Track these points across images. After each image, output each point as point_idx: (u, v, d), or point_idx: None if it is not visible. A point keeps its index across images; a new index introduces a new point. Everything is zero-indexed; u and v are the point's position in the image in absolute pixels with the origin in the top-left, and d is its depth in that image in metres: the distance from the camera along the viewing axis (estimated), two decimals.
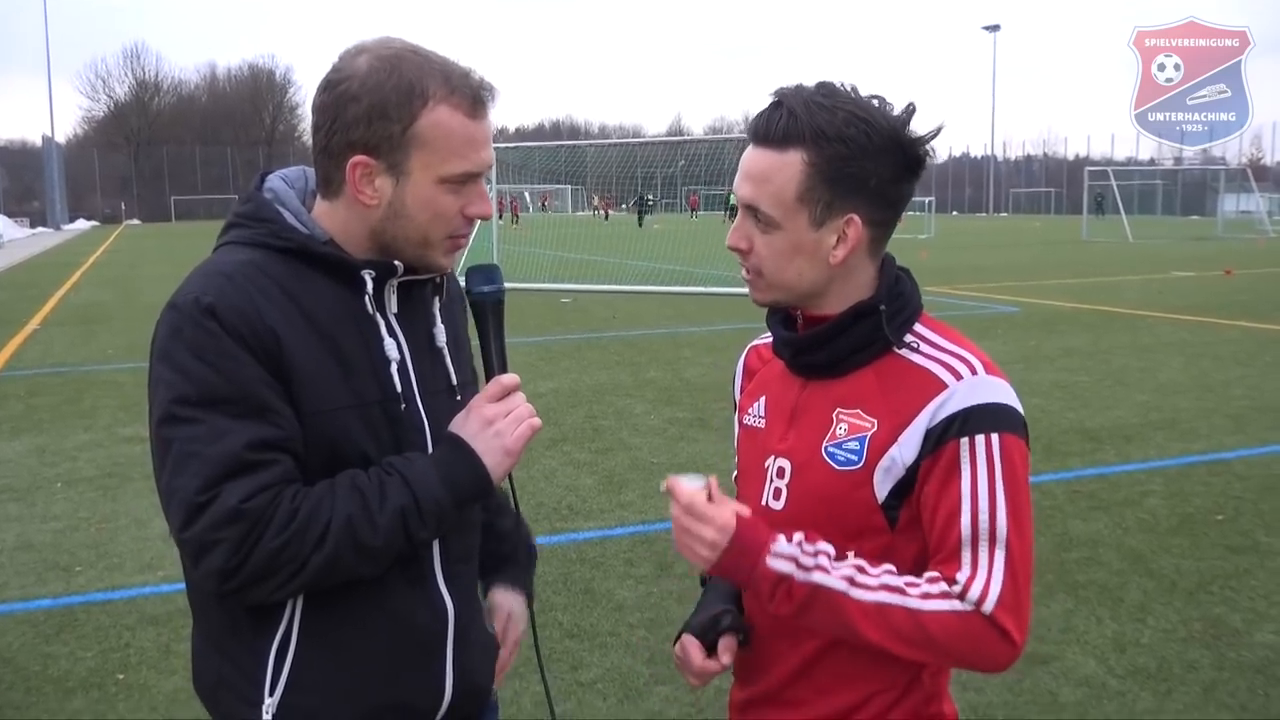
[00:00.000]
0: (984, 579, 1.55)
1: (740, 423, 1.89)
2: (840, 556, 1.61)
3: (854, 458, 1.65)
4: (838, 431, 1.68)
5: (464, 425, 1.67)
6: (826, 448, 1.68)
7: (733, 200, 1.94)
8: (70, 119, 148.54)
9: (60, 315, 18.08)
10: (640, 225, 45.71)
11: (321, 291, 1.65)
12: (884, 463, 1.63)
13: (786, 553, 1.58)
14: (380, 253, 1.69)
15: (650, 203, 49.21)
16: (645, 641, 4.67)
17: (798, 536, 1.60)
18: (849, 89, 1.63)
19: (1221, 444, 8.05)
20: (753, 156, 1.65)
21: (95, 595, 5.36)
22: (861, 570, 1.58)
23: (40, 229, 66.95)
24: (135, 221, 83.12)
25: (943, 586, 1.56)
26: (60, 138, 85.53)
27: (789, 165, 1.61)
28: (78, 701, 4.25)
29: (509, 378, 1.70)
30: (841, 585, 1.56)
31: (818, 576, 1.56)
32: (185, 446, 1.54)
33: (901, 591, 1.56)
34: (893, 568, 1.60)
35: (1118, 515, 6.36)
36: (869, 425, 1.65)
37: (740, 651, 1.80)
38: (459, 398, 1.76)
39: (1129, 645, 4.60)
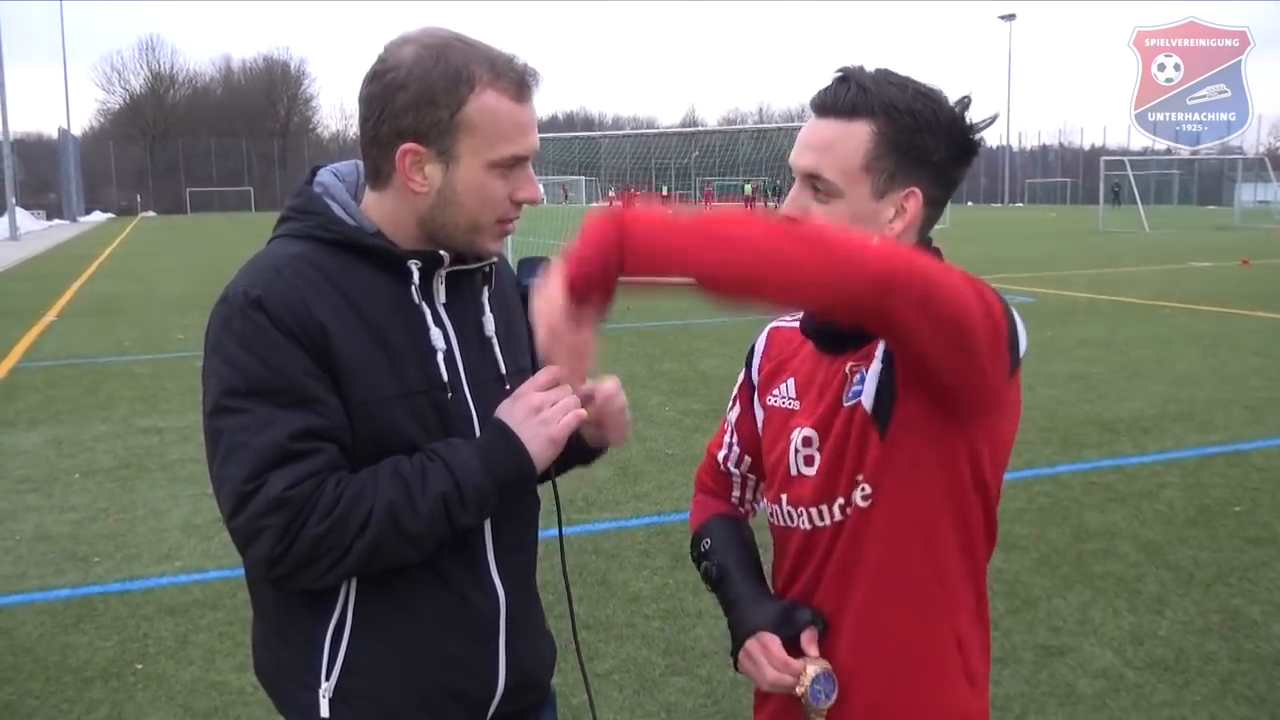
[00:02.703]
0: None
1: (764, 404, 1.89)
2: (839, 509, 1.69)
3: (859, 388, 1.68)
4: (852, 381, 1.70)
5: (510, 411, 1.69)
6: (844, 400, 1.71)
7: (748, 190, 1.94)
8: (86, 111, 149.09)
9: (77, 307, 18.17)
10: None
11: (369, 282, 1.67)
12: (868, 376, 1.66)
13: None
14: (429, 241, 1.71)
15: (638, 194, 48.40)
16: (661, 632, 4.67)
17: None
18: (907, 75, 1.67)
19: (1239, 435, 8.01)
20: (815, 127, 1.66)
21: (113, 585, 5.39)
22: None
23: (56, 221, 67.24)
24: (150, 214, 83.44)
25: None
26: (76, 130, 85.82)
27: (856, 134, 1.63)
28: (96, 691, 4.27)
29: (559, 369, 1.71)
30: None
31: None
32: (234, 437, 1.58)
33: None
34: None
35: (1134, 507, 6.33)
36: (871, 364, 1.68)
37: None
38: (508, 386, 1.77)
39: (1146, 637, 4.59)
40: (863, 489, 1.68)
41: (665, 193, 63.82)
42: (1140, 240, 34.59)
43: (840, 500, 1.70)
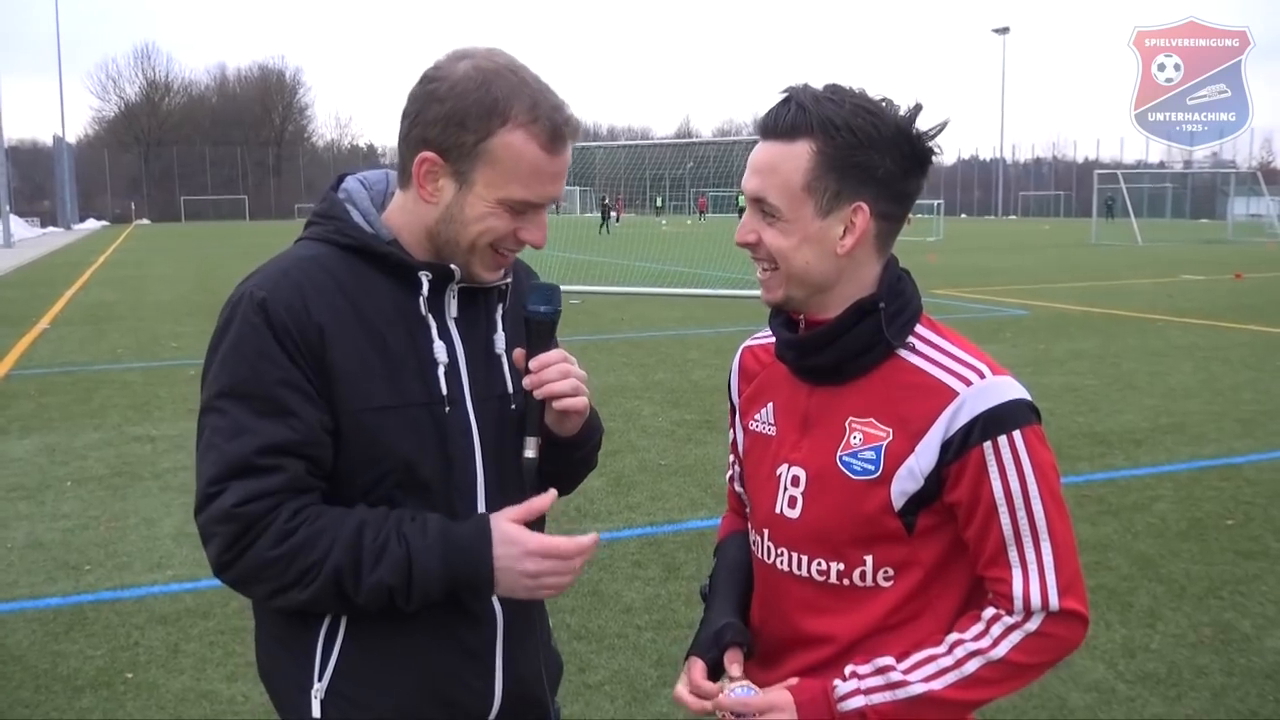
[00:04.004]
0: (1038, 578, 1.61)
1: (746, 428, 1.88)
2: (836, 574, 1.68)
3: (871, 467, 1.66)
4: (852, 440, 1.68)
5: (508, 548, 1.64)
6: (841, 457, 1.69)
7: (742, 202, 1.94)
8: (81, 119, 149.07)
9: (70, 314, 18.12)
10: (602, 231, 43.10)
11: (378, 290, 1.70)
12: (901, 472, 1.64)
13: (849, 689, 1.63)
14: (436, 254, 1.72)
15: (611, 206, 47.95)
16: (653, 643, 4.66)
17: (849, 669, 1.65)
18: (857, 90, 1.65)
19: (1231, 448, 8.03)
20: (760, 150, 1.67)
21: (104, 594, 5.37)
22: (933, 659, 1.63)
23: (50, 228, 67.16)
24: (145, 221, 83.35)
25: (1006, 620, 1.62)
26: (71, 138, 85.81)
27: (797, 155, 1.62)
28: (86, 700, 4.26)
29: (589, 540, 1.69)
30: (924, 688, 1.61)
31: (902, 693, 1.61)
32: (210, 437, 1.63)
33: (978, 653, 1.62)
34: (959, 635, 1.64)
35: (1127, 520, 6.34)
36: (884, 434, 1.66)
37: (750, 660, 1.79)
38: (513, 406, 1.77)
39: (1138, 650, 4.59)
40: (885, 571, 1.68)
41: (660, 204, 63.95)
42: (1133, 253, 34.68)
43: (859, 569, 1.69)
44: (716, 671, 1.75)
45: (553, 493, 1.69)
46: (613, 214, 51.40)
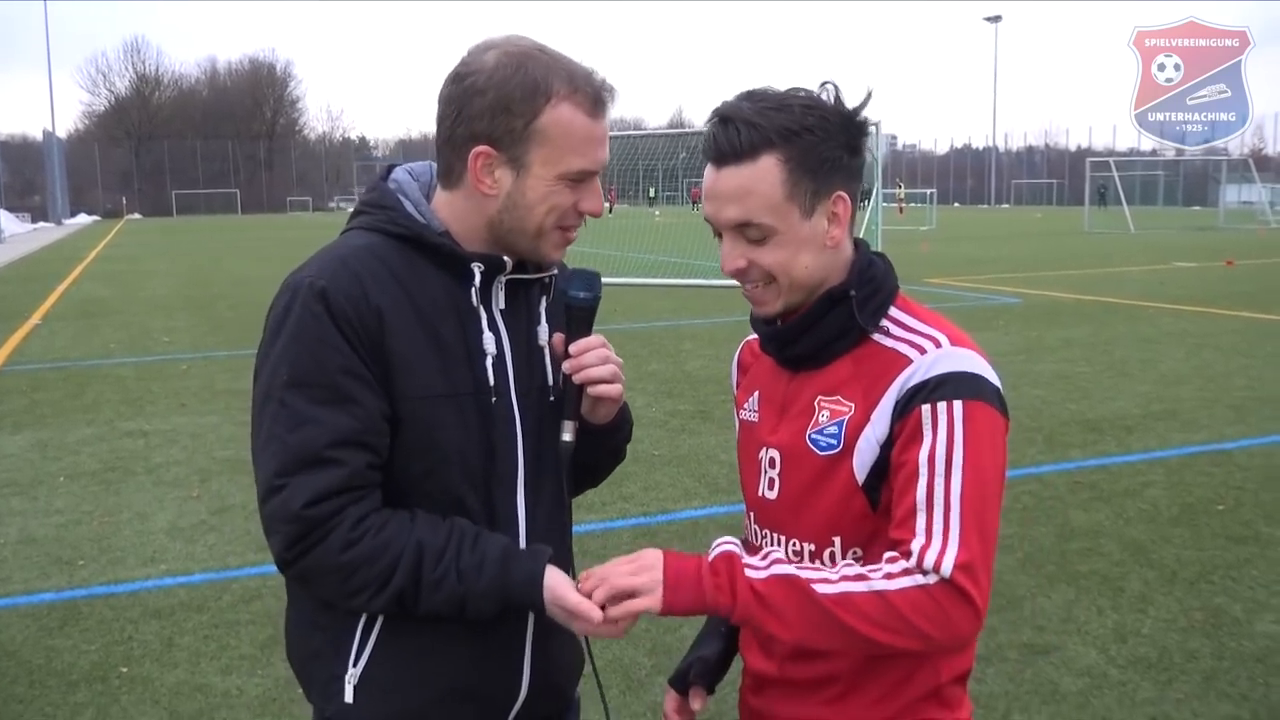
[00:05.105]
0: (939, 546, 1.53)
1: (739, 417, 1.92)
2: (809, 555, 1.69)
3: (834, 442, 1.68)
4: (820, 419, 1.70)
5: (558, 600, 1.66)
6: (810, 435, 1.71)
7: None
8: (71, 113, 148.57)
9: (62, 310, 18.10)
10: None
11: (430, 280, 1.71)
12: (860, 443, 1.65)
13: (726, 539, 1.62)
14: (494, 244, 1.74)
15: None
16: (647, 633, 4.68)
17: (735, 539, 1.65)
18: (772, 91, 1.67)
19: (1223, 434, 8.06)
20: (723, 177, 1.65)
21: (98, 589, 5.38)
22: (818, 569, 1.58)
23: (41, 224, 66.93)
24: (136, 216, 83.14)
25: (903, 564, 1.54)
26: (61, 132, 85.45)
27: (765, 171, 1.62)
28: (81, 695, 4.26)
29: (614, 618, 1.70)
30: (795, 572, 1.56)
31: (778, 569, 1.57)
32: (270, 428, 1.63)
33: (864, 578, 1.54)
34: (852, 562, 1.62)
35: (1119, 506, 6.36)
36: (846, 409, 1.68)
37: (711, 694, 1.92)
38: (552, 399, 1.80)
39: (1130, 635, 4.61)
40: (855, 551, 1.69)
41: (653, 194, 63.93)
42: (1126, 241, 34.74)
43: (829, 550, 1.70)
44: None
45: (599, 614, 1.69)
46: (607, 203, 51.30)
